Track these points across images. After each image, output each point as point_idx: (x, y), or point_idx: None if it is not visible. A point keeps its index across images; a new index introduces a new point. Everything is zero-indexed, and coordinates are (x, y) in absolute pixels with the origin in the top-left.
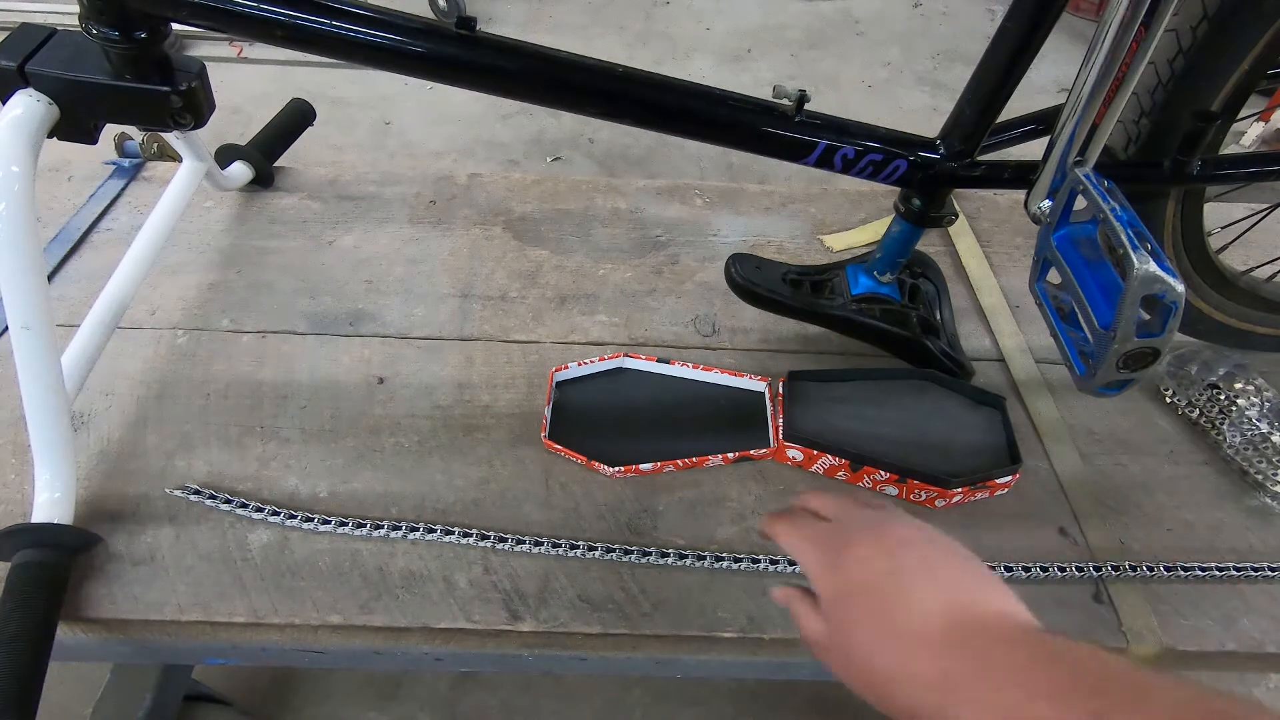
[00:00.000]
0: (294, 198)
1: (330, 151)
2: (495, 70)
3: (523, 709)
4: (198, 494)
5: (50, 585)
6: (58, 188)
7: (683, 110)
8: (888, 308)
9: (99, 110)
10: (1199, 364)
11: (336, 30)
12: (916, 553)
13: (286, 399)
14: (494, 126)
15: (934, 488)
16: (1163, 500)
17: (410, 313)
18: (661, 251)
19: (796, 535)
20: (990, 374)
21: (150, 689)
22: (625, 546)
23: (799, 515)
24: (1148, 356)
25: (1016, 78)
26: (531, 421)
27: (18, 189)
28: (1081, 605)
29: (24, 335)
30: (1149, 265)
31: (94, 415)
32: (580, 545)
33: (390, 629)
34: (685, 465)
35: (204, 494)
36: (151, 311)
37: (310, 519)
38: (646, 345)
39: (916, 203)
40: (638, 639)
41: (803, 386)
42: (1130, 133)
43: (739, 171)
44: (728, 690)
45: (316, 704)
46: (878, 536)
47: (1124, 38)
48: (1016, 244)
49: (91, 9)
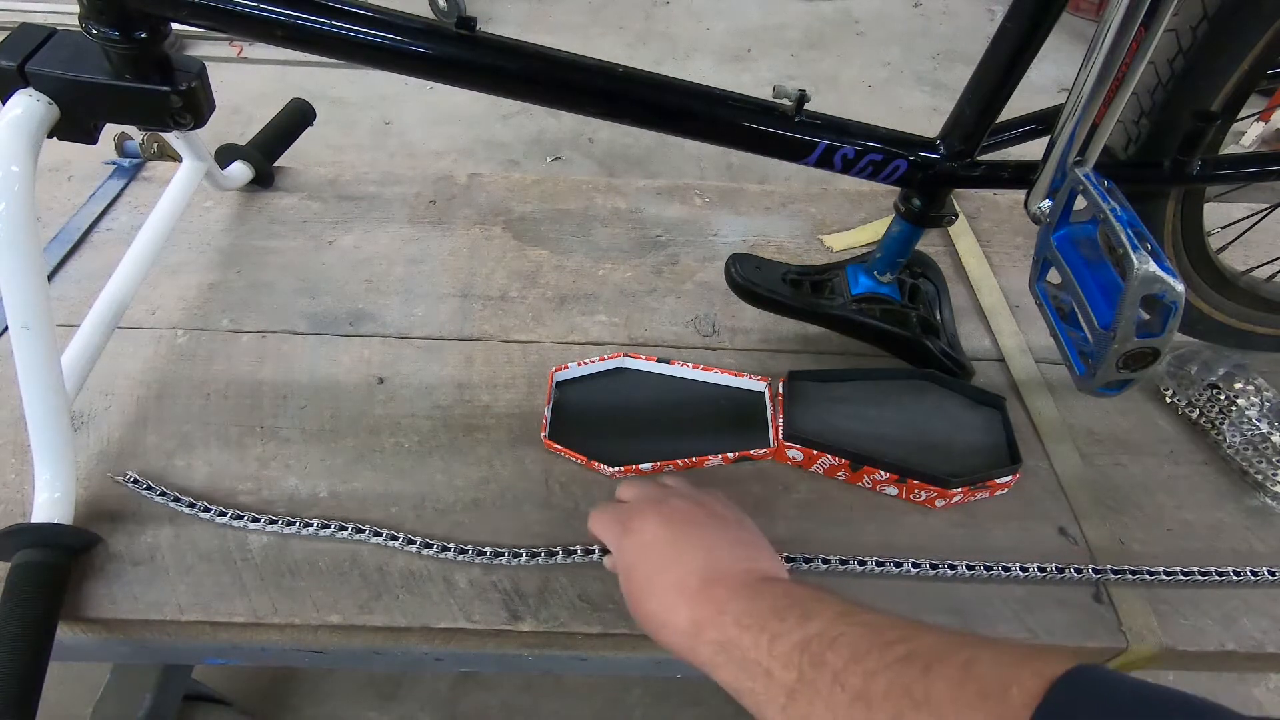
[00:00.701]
0: (294, 198)
1: (330, 151)
2: (495, 70)
3: (523, 709)
4: (135, 483)
5: (50, 585)
6: (58, 187)
7: (683, 110)
8: (888, 308)
9: (99, 110)
10: (1199, 364)
11: (336, 30)
12: (690, 525)
13: (286, 399)
14: (494, 126)
15: (934, 487)
16: (1163, 500)
17: (410, 313)
18: (661, 251)
19: (600, 520)
20: (990, 374)
21: (150, 689)
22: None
23: (607, 505)
24: (1148, 356)
25: (1016, 78)
26: (531, 421)
27: (18, 189)
28: (1082, 605)
29: (24, 335)
30: (1149, 265)
31: (94, 415)
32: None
33: (390, 629)
34: (685, 465)
35: (141, 484)
36: (151, 311)
37: (258, 519)
38: (646, 345)
39: (916, 203)
40: (638, 639)
41: (803, 386)
42: (1130, 133)
43: (739, 171)
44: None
45: (316, 704)
46: (659, 510)
47: (1124, 38)
48: (1016, 244)
49: (91, 9)
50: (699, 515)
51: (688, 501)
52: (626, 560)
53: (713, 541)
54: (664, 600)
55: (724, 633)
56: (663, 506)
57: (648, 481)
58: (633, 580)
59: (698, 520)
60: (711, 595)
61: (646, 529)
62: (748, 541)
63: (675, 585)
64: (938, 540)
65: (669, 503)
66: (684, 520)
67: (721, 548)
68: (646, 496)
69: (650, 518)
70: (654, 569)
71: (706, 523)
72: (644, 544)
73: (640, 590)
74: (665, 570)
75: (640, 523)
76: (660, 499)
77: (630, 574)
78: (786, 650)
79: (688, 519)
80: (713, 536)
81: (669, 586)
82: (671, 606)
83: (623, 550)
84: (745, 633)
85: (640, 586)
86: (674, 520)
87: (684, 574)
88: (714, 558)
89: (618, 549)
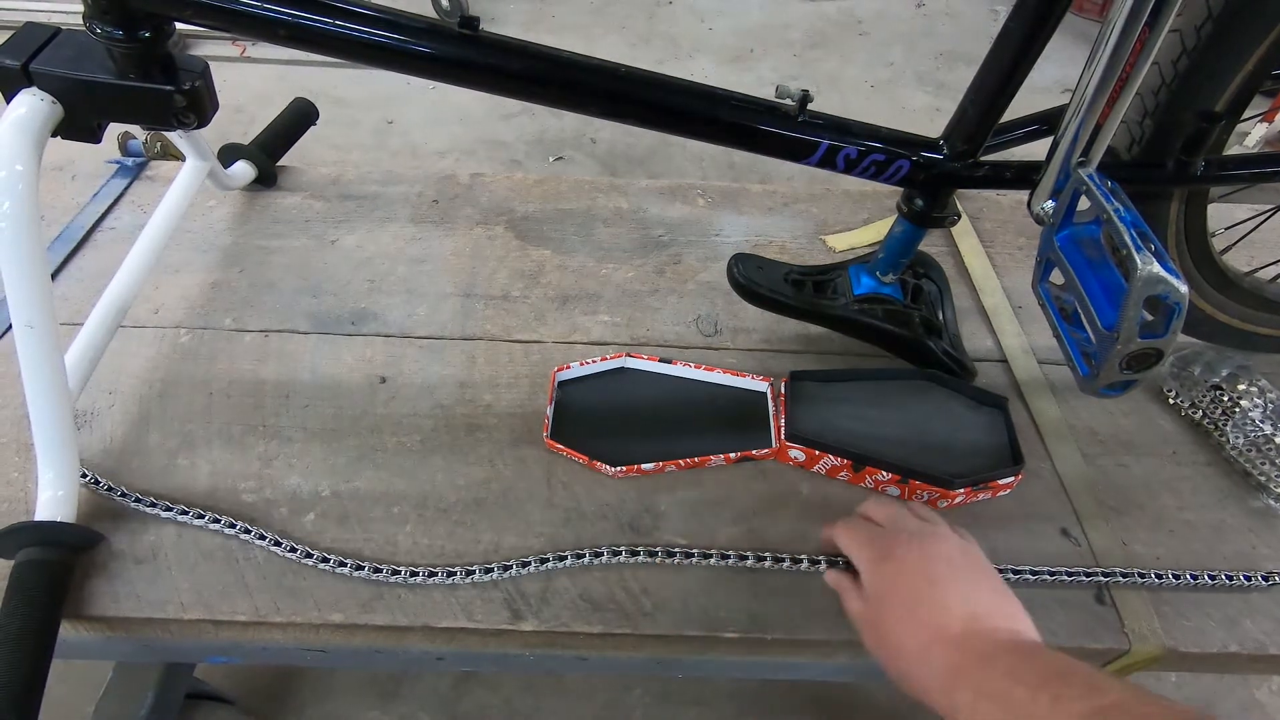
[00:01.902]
0: (297, 197)
1: (333, 151)
2: (498, 70)
3: (524, 708)
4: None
5: (53, 583)
6: (61, 186)
7: (685, 110)
8: (890, 308)
9: (103, 109)
10: (1202, 365)
11: (339, 30)
12: (952, 569)
13: (289, 398)
14: (496, 126)
15: (936, 488)
16: (1165, 501)
17: (412, 312)
18: (664, 251)
19: (852, 536)
20: (993, 374)
21: (152, 687)
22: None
23: (856, 521)
24: (1151, 357)
25: (1020, 78)
26: (533, 421)
27: (22, 188)
28: (1084, 606)
29: (27, 334)
30: (1153, 266)
31: (97, 414)
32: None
33: (392, 628)
34: (687, 465)
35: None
36: (154, 310)
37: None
38: (649, 345)
39: (919, 203)
40: (639, 639)
41: (805, 387)
42: (1134, 133)
43: (741, 171)
44: (730, 690)
45: (318, 703)
46: (923, 548)
47: (1128, 38)
48: (1019, 244)
49: (95, 8)
50: (962, 560)
51: (950, 544)
52: (879, 585)
53: (973, 590)
54: (919, 637)
55: (992, 684)
56: (928, 542)
57: (902, 506)
58: (885, 607)
59: (961, 565)
60: (974, 644)
61: (909, 560)
62: (1005, 596)
63: (935, 625)
64: None
65: (935, 540)
66: (948, 561)
67: (983, 597)
68: (907, 527)
69: (914, 550)
70: (912, 603)
71: (968, 569)
72: (902, 574)
73: (893, 619)
74: (924, 607)
75: (903, 552)
76: (924, 533)
77: (882, 599)
78: (1081, 712)
79: (952, 561)
80: (974, 585)
81: (927, 624)
82: (927, 644)
83: (877, 574)
84: (1018, 687)
85: (894, 615)
86: (938, 558)
87: (946, 616)
88: (976, 606)
89: (871, 572)
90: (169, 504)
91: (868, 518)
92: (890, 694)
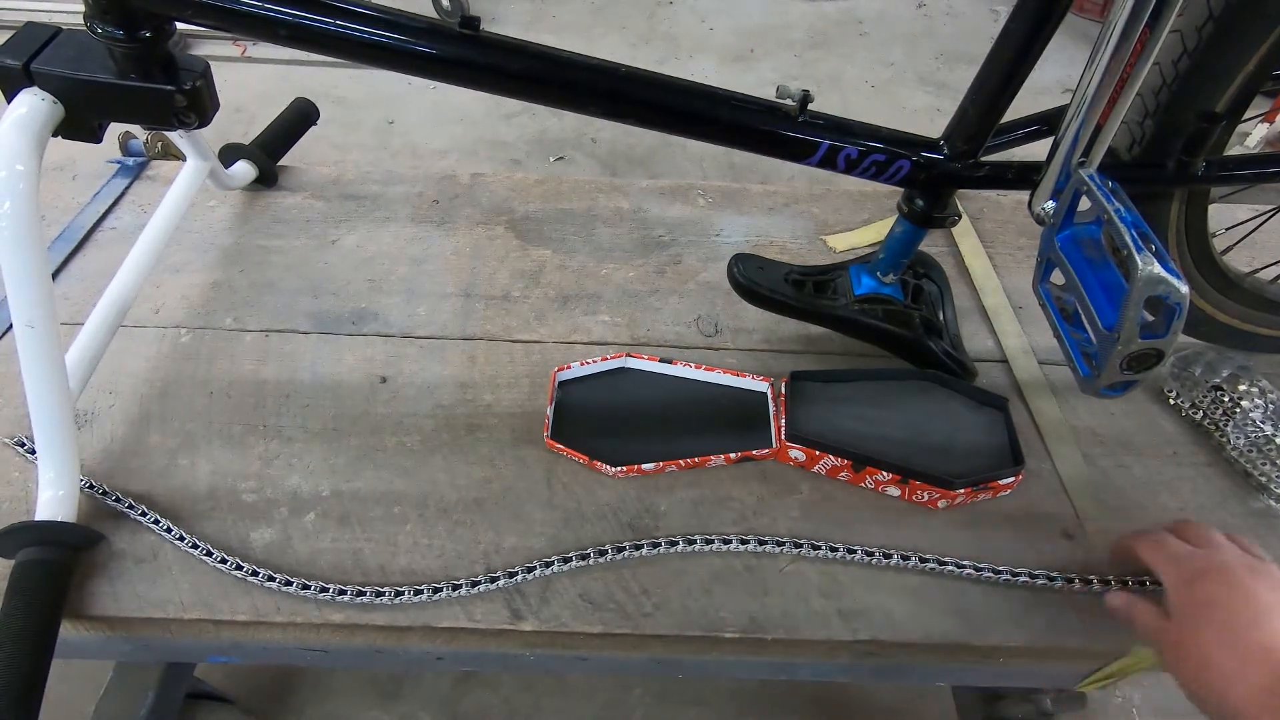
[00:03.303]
0: (297, 197)
1: (333, 151)
2: (498, 70)
3: (524, 708)
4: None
5: (53, 583)
6: (62, 186)
7: (686, 110)
8: (891, 308)
9: (104, 109)
10: (1203, 366)
11: (340, 30)
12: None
13: (289, 398)
14: (497, 126)
15: (936, 488)
16: (1166, 502)
17: (413, 312)
18: (664, 251)
19: (1160, 551)
20: (993, 375)
21: (153, 687)
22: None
23: (1165, 537)
24: (1151, 358)
25: (1020, 79)
26: (534, 421)
27: (22, 187)
28: (1085, 607)
29: (28, 333)
30: (1153, 266)
31: (97, 413)
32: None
33: (392, 628)
34: (687, 465)
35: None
36: (155, 310)
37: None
38: (649, 345)
39: (919, 203)
40: (640, 639)
41: (805, 387)
42: (1135, 133)
43: (741, 171)
44: (730, 690)
45: (318, 702)
46: (1249, 567)
47: (1129, 38)
48: (1020, 245)
49: (96, 8)
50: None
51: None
52: (1189, 603)
53: None
54: (1244, 656)
55: None
56: (1254, 565)
57: (1213, 529)
58: (1196, 625)
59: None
60: None
61: (1229, 579)
62: None
63: (1262, 646)
64: (940, 541)
65: (1260, 577)
66: (1271, 589)
67: None
68: (1237, 555)
69: (1239, 572)
70: (1236, 623)
71: None
72: (1223, 592)
73: (1212, 637)
74: (1251, 629)
75: (1222, 571)
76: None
77: (1193, 617)
78: None
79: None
80: None
81: (1255, 645)
82: (1254, 663)
83: (1187, 592)
84: None
85: (1214, 632)
86: (1256, 584)
87: (1263, 634)
88: None
89: (1180, 590)
90: (158, 516)
91: (1179, 535)
92: (890, 694)
